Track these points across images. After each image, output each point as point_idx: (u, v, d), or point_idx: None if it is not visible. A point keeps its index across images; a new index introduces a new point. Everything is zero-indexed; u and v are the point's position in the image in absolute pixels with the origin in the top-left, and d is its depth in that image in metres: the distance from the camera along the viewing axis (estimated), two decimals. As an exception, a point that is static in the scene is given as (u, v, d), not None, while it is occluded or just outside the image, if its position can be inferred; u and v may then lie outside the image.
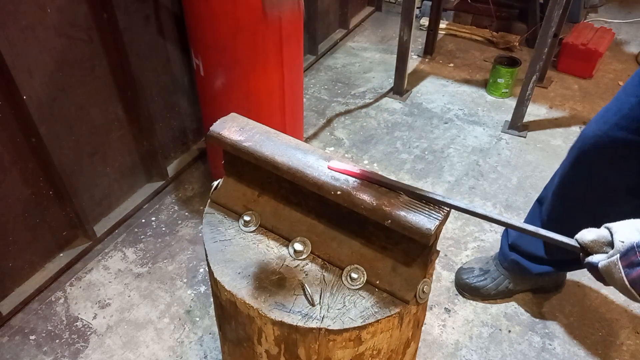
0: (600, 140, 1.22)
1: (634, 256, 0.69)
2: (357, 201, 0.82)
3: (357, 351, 0.86)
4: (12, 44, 1.33)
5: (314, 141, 2.33)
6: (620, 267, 0.70)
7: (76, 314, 1.62)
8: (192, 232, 1.88)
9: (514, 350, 1.54)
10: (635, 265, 0.69)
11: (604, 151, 1.23)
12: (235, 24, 1.51)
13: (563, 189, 1.39)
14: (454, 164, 2.20)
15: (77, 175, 1.68)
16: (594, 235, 0.75)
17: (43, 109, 1.48)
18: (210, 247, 0.93)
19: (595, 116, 1.27)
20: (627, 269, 0.69)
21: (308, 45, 2.79)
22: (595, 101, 2.58)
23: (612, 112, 1.21)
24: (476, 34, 3.06)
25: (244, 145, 0.91)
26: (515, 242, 1.57)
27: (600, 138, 1.22)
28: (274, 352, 0.89)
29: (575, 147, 1.33)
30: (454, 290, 1.71)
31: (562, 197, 1.40)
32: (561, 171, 1.40)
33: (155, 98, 1.88)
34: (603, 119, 1.23)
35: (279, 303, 0.84)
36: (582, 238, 0.76)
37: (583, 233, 0.77)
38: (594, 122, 1.26)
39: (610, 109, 1.22)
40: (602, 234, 0.75)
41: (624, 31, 3.19)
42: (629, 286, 0.69)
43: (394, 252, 0.85)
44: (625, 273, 0.69)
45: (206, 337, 1.56)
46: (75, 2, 1.46)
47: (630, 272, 0.69)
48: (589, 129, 1.27)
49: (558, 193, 1.41)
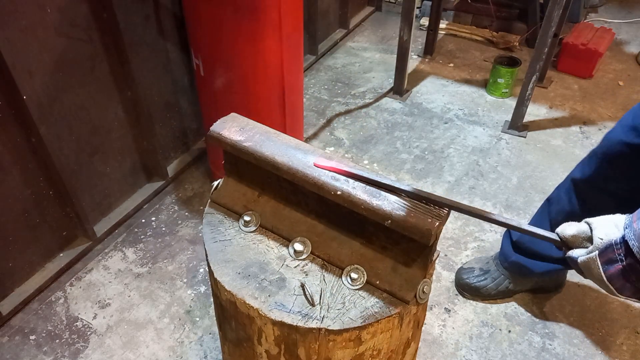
0: (627, 147, 1.21)
1: (612, 253, 0.71)
2: (357, 201, 0.82)
3: (357, 351, 0.86)
4: (12, 44, 1.33)
5: (314, 141, 2.33)
6: (599, 264, 0.72)
7: (76, 314, 1.62)
8: (192, 232, 1.88)
9: (514, 350, 1.54)
10: (613, 262, 0.71)
11: (630, 159, 1.21)
12: (235, 24, 1.51)
13: (583, 192, 1.38)
14: (454, 164, 2.20)
15: (77, 175, 1.68)
16: (574, 230, 0.77)
17: (43, 109, 1.48)
18: (211, 247, 0.93)
19: (621, 120, 1.25)
20: (605, 265, 0.71)
21: (308, 45, 2.79)
22: (595, 101, 2.58)
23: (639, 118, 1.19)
24: (476, 34, 3.06)
25: (244, 146, 0.91)
26: (520, 240, 1.56)
27: (627, 146, 1.21)
28: (274, 352, 0.89)
29: (599, 152, 1.31)
30: (454, 290, 1.71)
31: (582, 199, 1.39)
32: (580, 174, 1.38)
33: (155, 98, 1.88)
34: (632, 126, 1.21)
35: (279, 303, 0.84)
36: (563, 232, 0.78)
37: (564, 227, 0.79)
38: (620, 128, 1.24)
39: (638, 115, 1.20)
40: (582, 229, 0.77)
41: (624, 31, 3.19)
42: (607, 282, 0.72)
43: (394, 252, 0.85)
44: (603, 269, 0.71)
45: (206, 337, 1.56)
46: (75, 2, 1.46)
47: (608, 268, 0.71)
48: (615, 134, 1.26)
49: (577, 195, 1.40)
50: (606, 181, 1.31)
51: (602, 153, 1.31)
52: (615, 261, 0.70)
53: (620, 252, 0.70)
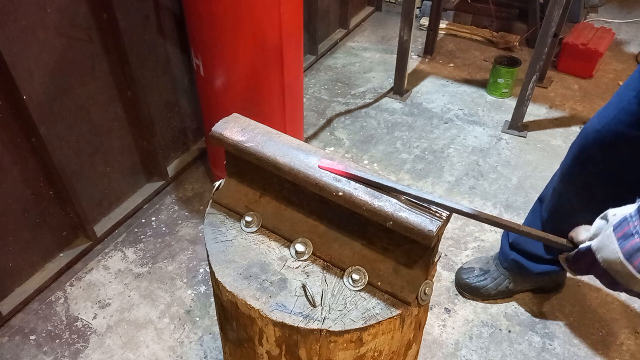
0: (600, 134, 1.21)
1: (627, 227, 0.66)
2: (359, 202, 0.82)
3: (359, 353, 0.85)
4: (12, 44, 1.33)
5: (314, 141, 2.32)
6: (614, 239, 0.67)
7: (76, 314, 1.62)
8: (192, 232, 1.88)
9: (514, 350, 1.54)
10: (628, 236, 0.66)
11: (604, 146, 1.22)
12: (235, 23, 1.51)
13: (564, 186, 1.38)
14: (454, 164, 2.20)
15: (77, 175, 1.68)
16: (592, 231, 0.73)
17: (43, 109, 1.48)
18: (212, 247, 0.93)
19: (597, 112, 1.27)
20: (621, 241, 0.66)
21: (308, 45, 2.79)
22: (595, 101, 2.58)
23: (612, 106, 1.20)
24: (476, 34, 3.06)
25: (245, 146, 0.91)
26: (515, 241, 1.57)
27: (599, 132, 1.22)
28: (275, 353, 0.89)
29: (575, 143, 1.32)
30: (454, 290, 1.71)
31: (563, 193, 1.39)
32: (561, 168, 1.39)
33: (155, 98, 1.88)
34: (603, 113, 1.23)
35: (280, 304, 0.84)
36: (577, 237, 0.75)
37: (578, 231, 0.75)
38: (595, 117, 1.26)
39: (611, 104, 1.21)
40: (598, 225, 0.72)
41: (624, 31, 3.19)
42: (623, 259, 0.66)
43: (396, 254, 0.85)
44: (620, 245, 0.66)
45: (206, 337, 1.56)
46: (75, 2, 1.46)
47: (624, 244, 0.66)
48: (589, 124, 1.27)
49: (559, 190, 1.40)
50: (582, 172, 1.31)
51: (577, 143, 1.32)
52: (630, 235, 0.66)
53: (636, 225, 0.66)
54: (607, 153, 1.23)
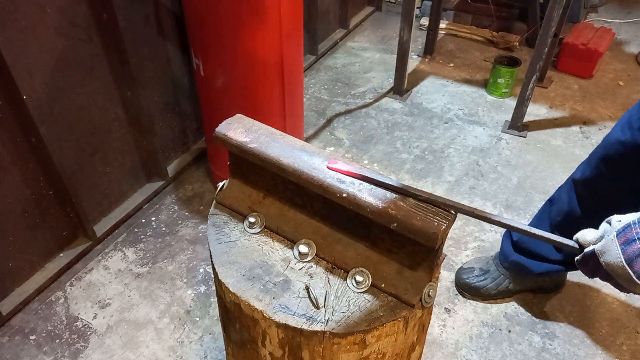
0: (623, 146, 1.21)
1: (631, 232, 0.68)
2: (363, 204, 0.81)
3: (362, 355, 0.85)
4: (12, 44, 1.33)
5: (314, 141, 2.32)
6: (617, 244, 0.68)
7: (76, 314, 1.61)
8: (192, 232, 1.88)
9: (514, 350, 1.55)
10: (631, 241, 0.67)
11: (628, 157, 1.22)
12: (235, 23, 1.51)
13: (582, 192, 1.38)
14: (454, 164, 2.20)
15: (77, 175, 1.68)
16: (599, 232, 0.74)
17: (43, 109, 1.47)
18: (215, 248, 0.93)
19: (620, 120, 1.26)
20: (624, 246, 0.68)
21: (308, 45, 2.78)
22: (595, 101, 2.59)
23: (636, 116, 1.19)
24: (476, 34, 3.06)
25: (249, 147, 0.91)
26: (520, 240, 1.56)
27: (623, 144, 1.21)
28: (278, 354, 0.89)
29: (598, 152, 1.32)
30: (454, 290, 1.71)
31: (582, 199, 1.39)
32: (580, 174, 1.39)
33: (155, 98, 1.88)
34: (628, 123, 1.22)
35: (284, 305, 0.84)
36: (583, 238, 0.75)
37: (584, 233, 0.76)
38: (619, 127, 1.25)
39: (635, 114, 1.20)
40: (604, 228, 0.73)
41: (624, 31, 3.19)
42: (625, 264, 0.67)
43: (400, 256, 0.85)
44: (622, 250, 0.68)
45: (206, 337, 1.56)
46: (75, 2, 1.46)
47: (626, 249, 0.67)
48: (613, 134, 1.26)
49: (577, 195, 1.40)
50: (605, 181, 1.31)
51: (600, 153, 1.32)
52: (632, 240, 0.67)
53: (639, 231, 0.67)
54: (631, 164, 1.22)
